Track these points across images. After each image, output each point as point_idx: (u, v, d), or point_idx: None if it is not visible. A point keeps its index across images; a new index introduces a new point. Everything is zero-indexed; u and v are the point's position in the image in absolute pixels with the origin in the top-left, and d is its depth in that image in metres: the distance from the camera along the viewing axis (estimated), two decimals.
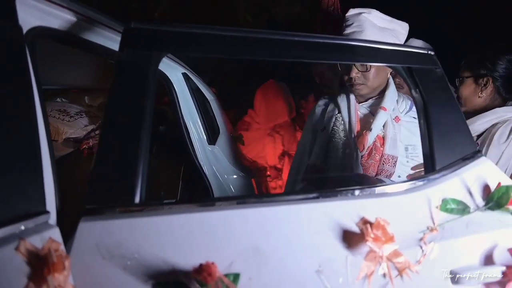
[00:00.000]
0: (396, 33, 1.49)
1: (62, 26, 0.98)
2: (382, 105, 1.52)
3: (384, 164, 1.47)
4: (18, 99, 0.73)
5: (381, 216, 0.85)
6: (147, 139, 0.84)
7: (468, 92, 1.72)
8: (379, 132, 1.52)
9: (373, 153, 1.50)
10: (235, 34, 0.97)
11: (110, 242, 0.74)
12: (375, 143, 1.50)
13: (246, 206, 0.85)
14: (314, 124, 1.74)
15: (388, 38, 1.45)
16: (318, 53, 1.04)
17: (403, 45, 1.13)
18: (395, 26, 1.50)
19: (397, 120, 1.53)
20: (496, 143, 1.55)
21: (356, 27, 1.48)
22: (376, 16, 1.48)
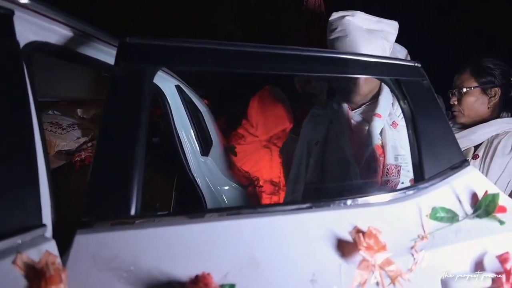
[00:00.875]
0: (385, 33, 1.41)
1: (58, 41, 1.00)
2: (377, 112, 1.44)
3: (388, 175, 1.38)
4: (15, 113, 0.74)
5: (373, 225, 0.86)
6: (142, 151, 0.85)
7: (473, 102, 1.65)
8: (377, 141, 1.42)
9: (372, 164, 1.40)
10: (228, 48, 0.99)
11: (106, 255, 0.74)
12: (374, 154, 1.41)
13: (240, 217, 0.86)
14: (308, 137, 1.65)
15: (376, 40, 1.37)
16: (306, 66, 1.06)
17: (391, 58, 1.17)
18: (383, 27, 1.42)
19: (395, 126, 1.44)
20: (500, 154, 1.52)
21: (340, 32, 1.39)
22: (361, 18, 1.40)
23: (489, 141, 1.59)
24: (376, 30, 1.39)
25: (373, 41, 1.36)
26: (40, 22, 0.92)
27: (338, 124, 1.52)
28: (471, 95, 1.65)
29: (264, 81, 3.11)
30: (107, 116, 0.86)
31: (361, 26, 1.38)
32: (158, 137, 2.22)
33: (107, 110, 0.86)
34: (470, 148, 1.64)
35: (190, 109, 2.05)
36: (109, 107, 0.86)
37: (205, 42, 0.97)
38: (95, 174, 0.81)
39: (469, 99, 1.65)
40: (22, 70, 0.79)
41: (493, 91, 1.62)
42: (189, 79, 2.13)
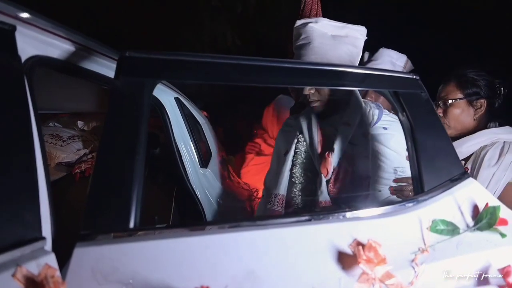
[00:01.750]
0: (351, 39, 1.35)
1: (59, 55, 1.01)
2: (345, 121, 1.37)
3: (358, 188, 1.31)
4: (16, 125, 0.74)
5: (373, 238, 0.86)
6: (141, 164, 0.85)
7: (459, 114, 1.64)
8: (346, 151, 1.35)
9: (341, 176, 1.32)
10: (225, 61, 1.00)
11: (105, 268, 0.74)
12: (342, 165, 1.32)
13: (239, 230, 0.86)
14: (278, 148, 1.57)
15: (341, 46, 1.32)
16: (304, 79, 1.07)
17: (389, 70, 1.18)
18: (349, 32, 1.36)
19: (366, 135, 1.37)
20: (486, 165, 1.51)
21: (304, 39, 1.36)
22: (325, 24, 1.34)
23: (477, 153, 1.57)
24: (341, 36, 1.35)
25: (338, 47, 1.32)
26: (41, 37, 0.94)
27: (307, 134, 1.45)
28: (457, 107, 1.64)
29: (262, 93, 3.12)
30: (107, 129, 0.86)
31: (325, 33, 1.34)
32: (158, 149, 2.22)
33: (107, 123, 0.87)
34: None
35: (189, 121, 2.05)
36: (109, 120, 0.87)
37: (202, 55, 0.98)
38: (95, 186, 0.81)
39: (455, 111, 1.64)
40: (23, 83, 0.80)
41: (479, 102, 1.61)
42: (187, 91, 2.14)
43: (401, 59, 1.93)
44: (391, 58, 1.91)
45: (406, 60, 1.95)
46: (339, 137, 1.33)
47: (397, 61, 1.91)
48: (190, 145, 2.05)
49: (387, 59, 1.92)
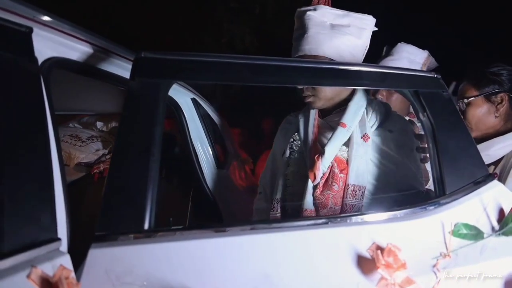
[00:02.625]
0: (354, 29, 1.20)
1: (76, 57, 1.02)
2: (341, 121, 1.20)
3: (349, 197, 1.15)
4: (32, 127, 0.75)
5: (392, 242, 0.83)
6: (156, 165, 0.85)
7: (480, 113, 1.50)
8: (340, 153, 1.20)
9: (330, 182, 1.17)
10: (240, 61, 0.99)
11: (119, 269, 0.74)
12: (333, 169, 1.17)
13: (256, 232, 0.85)
14: (276, 147, 1.43)
15: (340, 36, 1.18)
16: (323, 79, 1.05)
17: (409, 69, 1.14)
18: (352, 21, 1.20)
19: (366, 139, 1.19)
20: None
21: (300, 29, 1.23)
22: (325, 12, 1.20)
23: (508, 157, 1.44)
24: (342, 26, 1.19)
25: (336, 38, 1.17)
26: (58, 39, 0.95)
27: (302, 132, 1.32)
28: (475, 106, 1.51)
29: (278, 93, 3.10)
30: (122, 130, 0.86)
31: (324, 21, 1.19)
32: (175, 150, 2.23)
33: (122, 124, 0.87)
34: (490, 167, 1.47)
35: (205, 122, 2.05)
36: (124, 121, 0.87)
37: (218, 56, 0.97)
38: (110, 188, 0.81)
39: (473, 110, 1.51)
40: (40, 85, 0.81)
41: (499, 97, 1.47)
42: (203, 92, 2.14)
43: (420, 56, 1.78)
44: (409, 54, 1.77)
45: (427, 57, 1.79)
46: (333, 139, 1.18)
47: (416, 58, 1.77)
48: (207, 146, 2.05)
49: (404, 55, 1.77)
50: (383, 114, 1.24)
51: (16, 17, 0.82)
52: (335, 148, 1.18)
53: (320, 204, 1.16)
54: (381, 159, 1.19)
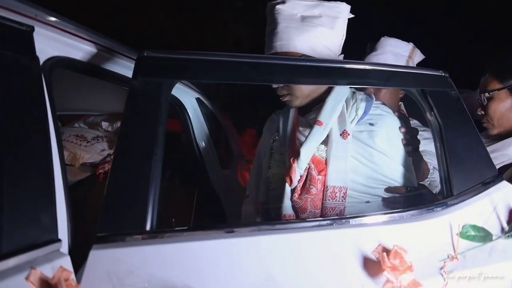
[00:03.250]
0: (326, 19, 1.11)
1: (79, 56, 1.01)
2: (318, 118, 1.11)
3: (329, 200, 1.07)
4: (32, 127, 0.74)
5: (398, 244, 0.82)
6: (159, 166, 0.84)
7: (503, 108, 1.39)
8: (318, 153, 1.11)
9: (307, 185, 1.08)
10: (245, 60, 0.98)
11: (121, 271, 0.73)
12: (310, 171, 1.09)
13: (259, 233, 0.83)
14: (260, 149, 1.35)
15: (310, 28, 1.10)
16: (328, 78, 1.04)
17: (416, 68, 1.12)
18: (324, 11, 1.12)
19: (345, 136, 1.10)
20: None
21: (270, 25, 1.16)
22: (295, 4, 1.12)
23: None
24: (313, 17, 1.12)
25: (306, 31, 1.09)
26: (61, 38, 0.94)
27: (282, 132, 1.25)
28: (498, 100, 1.40)
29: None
30: (124, 130, 0.85)
31: (293, 14, 1.12)
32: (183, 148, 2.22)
33: (124, 124, 0.86)
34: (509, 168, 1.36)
35: (210, 122, 2.04)
36: (126, 121, 0.86)
37: (221, 54, 0.96)
38: (111, 188, 0.80)
39: (496, 105, 1.40)
40: (41, 84, 0.80)
41: None
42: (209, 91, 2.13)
43: (405, 48, 1.69)
44: (393, 47, 1.69)
45: (412, 49, 1.70)
46: (309, 139, 1.10)
47: (400, 50, 1.68)
48: (212, 146, 2.05)
49: (388, 49, 1.68)
50: (365, 107, 1.13)
51: (18, 16, 0.82)
52: (311, 148, 1.10)
53: (299, 208, 1.08)
54: (363, 156, 1.09)
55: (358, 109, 1.13)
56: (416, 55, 1.70)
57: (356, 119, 1.12)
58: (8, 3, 0.81)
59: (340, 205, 1.07)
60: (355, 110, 1.13)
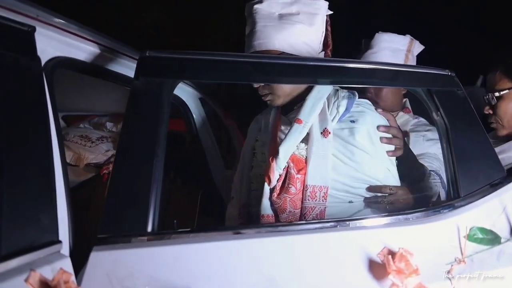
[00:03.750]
0: (304, 16, 1.10)
1: (81, 56, 1.01)
2: (297, 116, 1.08)
3: (309, 199, 1.03)
4: (33, 127, 0.74)
5: (404, 246, 0.80)
6: (160, 167, 0.83)
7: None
8: (297, 152, 1.08)
9: (286, 184, 1.05)
10: (248, 60, 0.97)
11: (121, 273, 0.72)
12: (289, 170, 1.05)
13: (261, 235, 0.82)
14: (244, 149, 1.33)
15: (289, 26, 1.08)
16: (330, 77, 1.03)
17: (422, 67, 1.10)
18: (301, 8, 1.11)
19: (326, 135, 1.06)
20: None
21: (250, 25, 1.15)
22: (272, 3, 1.12)
23: None
24: (290, 14, 1.11)
25: (284, 28, 1.08)
26: (63, 38, 0.94)
27: (264, 131, 1.22)
28: (509, 100, 1.32)
29: None
30: (125, 131, 0.85)
31: (271, 13, 1.12)
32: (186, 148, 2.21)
33: (126, 125, 0.85)
34: None
35: (214, 122, 2.04)
36: (127, 122, 0.85)
37: (223, 54, 0.95)
38: (112, 189, 0.80)
39: (506, 105, 1.33)
40: (42, 85, 0.79)
41: None
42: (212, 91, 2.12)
43: (402, 42, 1.61)
44: (389, 43, 1.60)
45: (410, 41, 1.61)
46: (287, 138, 1.07)
47: (398, 45, 1.59)
48: (215, 146, 2.03)
49: (384, 45, 1.59)
50: (346, 104, 1.10)
51: (20, 16, 0.81)
52: (290, 147, 1.07)
53: (278, 208, 1.05)
54: (344, 154, 1.06)
55: (340, 106, 1.10)
56: (415, 47, 1.63)
57: (337, 116, 1.09)
58: (10, 3, 0.80)
59: (321, 205, 1.04)
60: (336, 107, 1.10)
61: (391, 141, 1.09)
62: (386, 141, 1.08)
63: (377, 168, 1.07)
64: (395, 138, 1.10)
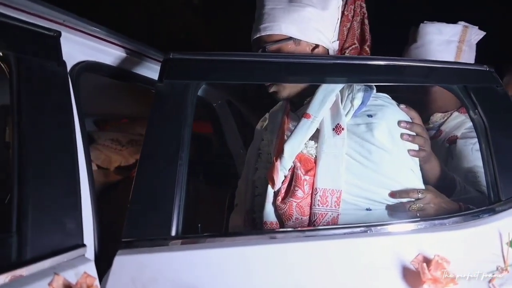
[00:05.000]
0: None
1: (108, 60, 1.02)
2: (306, 111, 0.98)
3: (319, 205, 0.92)
4: (58, 131, 0.74)
5: (440, 254, 0.75)
6: (184, 170, 0.82)
7: None
8: (306, 151, 0.97)
9: (292, 186, 0.94)
10: (275, 59, 0.94)
11: (145, 277, 0.71)
12: (295, 171, 0.94)
13: (288, 241, 0.80)
14: (248, 152, 1.22)
15: (300, 9, 0.99)
16: (363, 76, 0.99)
17: (457, 63, 1.04)
18: None
19: (339, 131, 0.95)
20: None
21: (258, 8, 1.06)
22: None
23: None
24: None
25: (294, 11, 1.00)
26: (90, 43, 0.95)
27: (272, 129, 1.10)
28: None
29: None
30: (149, 134, 0.84)
31: None
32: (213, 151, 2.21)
33: (150, 128, 0.85)
34: None
35: (241, 124, 2.02)
36: (151, 125, 0.85)
37: (249, 54, 0.93)
38: (137, 193, 0.79)
39: None
40: (67, 89, 0.80)
41: None
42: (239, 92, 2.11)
43: (452, 32, 1.40)
44: (436, 34, 1.41)
45: (463, 30, 1.40)
46: (294, 134, 0.96)
47: (448, 36, 1.39)
48: (243, 148, 2.02)
49: (429, 38, 1.40)
50: (362, 97, 0.98)
51: (47, 22, 0.83)
52: (296, 144, 0.95)
53: (283, 214, 0.93)
54: (360, 154, 0.94)
55: (354, 99, 0.98)
56: (471, 35, 1.42)
57: (352, 111, 0.97)
58: (37, 9, 0.82)
59: (333, 211, 0.91)
60: (350, 100, 0.98)
61: (414, 139, 0.95)
62: (407, 138, 0.95)
63: (399, 169, 0.94)
64: (418, 137, 0.96)
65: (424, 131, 0.99)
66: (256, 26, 1.03)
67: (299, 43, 1.00)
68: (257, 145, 1.15)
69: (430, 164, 1.02)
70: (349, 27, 1.08)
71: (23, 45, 0.74)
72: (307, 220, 0.92)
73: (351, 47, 1.09)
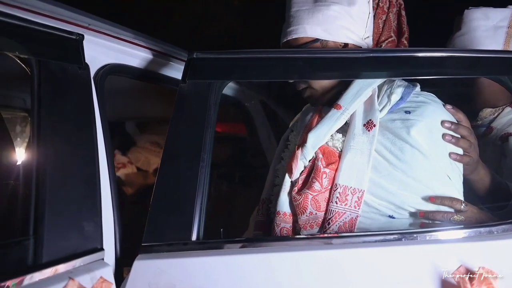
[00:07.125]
0: None
1: (134, 62, 1.02)
2: (337, 102, 0.92)
3: (337, 202, 0.85)
4: (79, 135, 0.75)
5: (486, 266, 0.68)
6: (206, 172, 0.80)
7: None
8: (331, 143, 0.91)
9: (311, 178, 0.88)
10: (301, 55, 0.90)
11: (162, 283, 0.70)
12: (316, 162, 0.89)
13: (313, 248, 0.75)
14: (280, 142, 1.16)
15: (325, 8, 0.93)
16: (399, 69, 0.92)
17: (507, 51, 0.94)
18: None
19: (370, 128, 0.88)
20: None
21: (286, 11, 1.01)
22: None
23: None
24: None
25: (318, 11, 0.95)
26: (114, 45, 0.95)
27: (302, 121, 1.06)
28: None
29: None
30: (171, 135, 0.83)
31: None
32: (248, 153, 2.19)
33: (172, 129, 0.83)
34: None
35: (275, 125, 1.98)
36: (173, 126, 0.84)
37: (274, 51, 0.89)
38: (157, 197, 0.78)
39: None
40: (90, 92, 0.80)
41: None
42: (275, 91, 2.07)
43: (500, 17, 1.28)
44: (483, 20, 1.29)
45: None
46: (321, 124, 0.91)
47: (495, 22, 1.27)
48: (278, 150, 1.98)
49: (475, 24, 1.29)
50: (402, 93, 0.91)
51: (71, 26, 0.83)
52: (322, 134, 0.90)
53: (298, 206, 0.87)
54: (390, 152, 0.86)
55: (392, 94, 0.91)
56: None
57: (388, 106, 0.90)
58: (62, 14, 0.83)
59: (352, 212, 0.84)
60: (387, 95, 0.91)
61: (458, 141, 0.86)
62: (450, 139, 0.85)
63: (433, 174, 0.85)
64: (464, 140, 0.87)
65: (472, 135, 0.89)
66: (284, 30, 0.99)
67: (327, 44, 0.94)
68: (286, 136, 1.11)
69: (479, 174, 0.91)
70: (385, 19, 1.02)
71: (44, 49, 0.75)
72: (322, 216, 0.86)
73: (387, 40, 1.02)
